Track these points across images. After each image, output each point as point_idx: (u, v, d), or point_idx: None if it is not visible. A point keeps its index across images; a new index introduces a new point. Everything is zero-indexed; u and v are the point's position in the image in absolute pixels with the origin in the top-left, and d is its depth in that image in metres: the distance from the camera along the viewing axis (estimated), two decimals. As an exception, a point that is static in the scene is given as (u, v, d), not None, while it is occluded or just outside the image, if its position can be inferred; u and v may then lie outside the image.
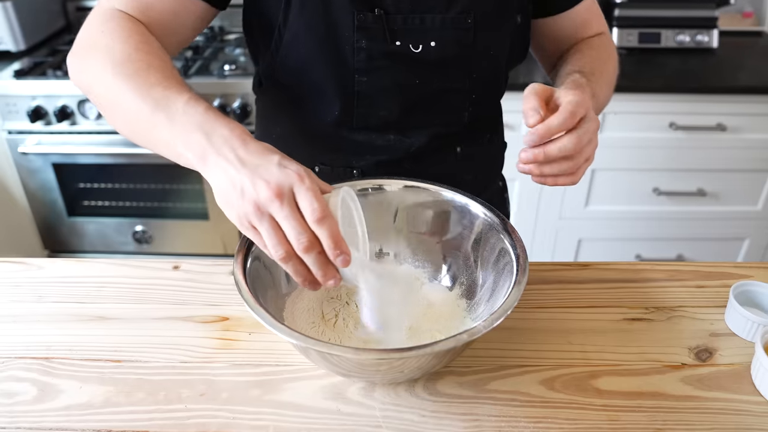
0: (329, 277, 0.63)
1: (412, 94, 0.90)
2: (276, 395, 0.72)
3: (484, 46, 0.89)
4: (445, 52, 0.87)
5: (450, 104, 0.93)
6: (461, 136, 0.98)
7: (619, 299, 0.87)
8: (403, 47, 0.86)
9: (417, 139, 0.94)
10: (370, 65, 0.87)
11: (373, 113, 0.91)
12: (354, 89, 0.89)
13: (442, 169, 0.97)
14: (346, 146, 0.95)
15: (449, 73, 0.90)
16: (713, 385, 0.73)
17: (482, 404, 0.71)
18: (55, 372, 0.75)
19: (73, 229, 2.17)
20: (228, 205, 0.63)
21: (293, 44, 0.88)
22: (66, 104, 1.91)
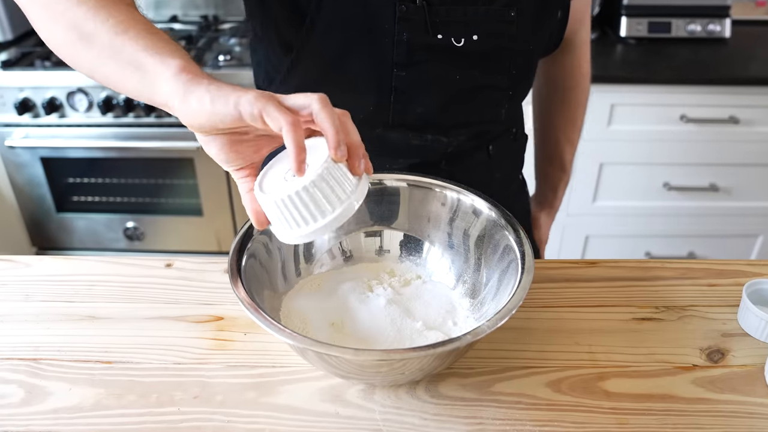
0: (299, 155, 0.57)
1: (452, 89, 0.90)
2: (272, 398, 0.72)
3: (524, 41, 0.89)
4: (487, 46, 0.87)
5: (488, 100, 0.93)
6: (494, 133, 0.98)
7: (628, 298, 0.87)
8: (445, 40, 0.85)
9: (454, 138, 0.94)
10: (410, 59, 0.86)
11: (410, 110, 0.90)
12: (391, 84, 0.88)
13: (475, 170, 0.98)
14: (379, 147, 0.93)
15: (489, 67, 0.90)
16: (725, 387, 0.73)
17: (486, 407, 0.71)
18: (44, 373, 0.75)
19: (61, 225, 2.17)
20: (235, 95, 0.57)
21: (325, 36, 0.87)
22: (55, 96, 1.91)
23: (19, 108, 1.90)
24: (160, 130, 1.95)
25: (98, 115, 1.93)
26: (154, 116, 1.93)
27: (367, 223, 0.86)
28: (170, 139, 1.95)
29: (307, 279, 0.83)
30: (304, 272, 0.83)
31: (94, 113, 1.94)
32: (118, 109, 1.92)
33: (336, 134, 0.58)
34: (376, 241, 0.87)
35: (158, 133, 1.96)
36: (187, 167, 2.03)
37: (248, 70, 1.88)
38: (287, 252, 0.81)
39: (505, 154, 1.03)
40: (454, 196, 0.83)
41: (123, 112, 1.92)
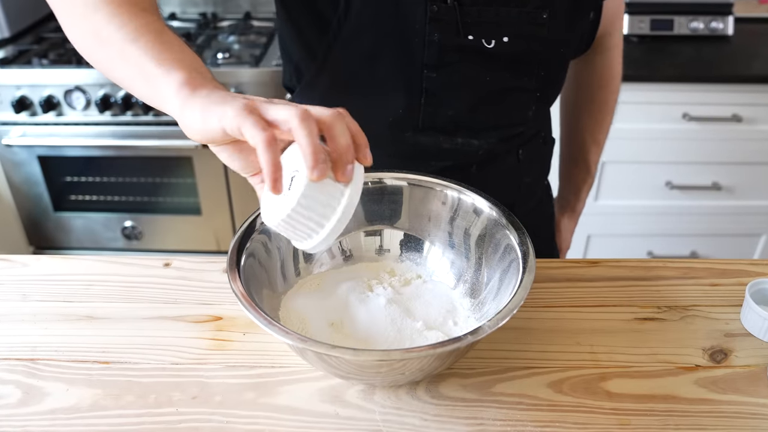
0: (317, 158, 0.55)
1: (481, 91, 0.90)
2: (271, 398, 0.72)
3: (555, 43, 0.90)
4: (517, 48, 0.87)
5: (516, 102, 0.93)
6: (523, 137, 0.98)
7: (630, 298, 0.87)
8: (476, 42, 0.85)
9: (485, 141, 0.94)
10: (441, 60, 0.86)
11: (441, 112, 0.90)
12: (421, 86, 0.88)
13: (504, 174, 0.99)
14: (409, 150, 0.93)
15: (519, 69, 0.90)
16: (728, 387, 0.73)
17: (487, 408, 0.71)
18: (41, 374, 0.75)
19: (59, 224, 2.17)
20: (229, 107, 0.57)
21: (354, 37, 0.86)
22: (52, 94, 1.91)
23: (16, 106, 1.90)
24: (159, 129, 1.95)
25: (96, 113, 1.93)
26: (152, 115, 1.93)
27: (367, 222, 0.86)
28: (168, 138, 1.95)
29: (306, 278, 0.83)
30: (303, 272, 0.83)
31: (91, 111, 1.94)
32: (115, 107, 1.92)
33: (311, 155, 0.55)
34: (376, 241, 0.87)
35: (156, 132, 1.96)
36: (186, 166, 2.03)
37: (247, 68, 1.89)
38: (286, 251, 0.81)
39: (534, 159, 1.04)
40: (454, 195, 0.83)
41: (121, 111, 1.92)
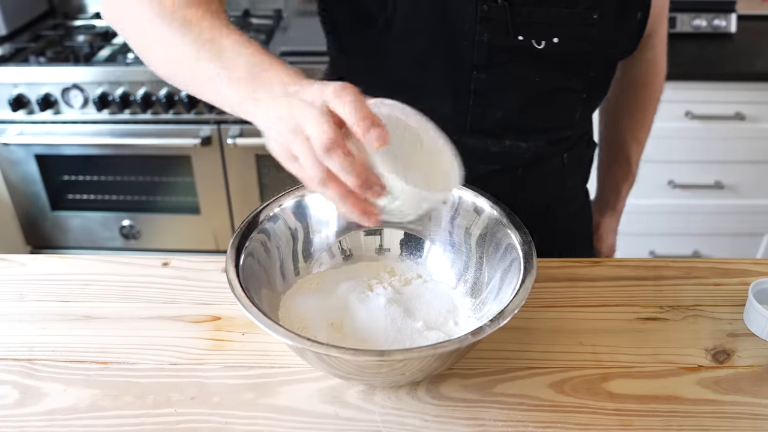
0: (363, 212, 0.57)
1: (531, 92, 0.90)
2: (270, 399, 0.72)
3: (604, 44, 0.90)
4: (567, 49, 0.87)
5: (564, 104, 0.94)
6: (569, 140, 0.99)
7: (632, 298, 0.87)
8: (526, 42, 0.85)
9: (533, 143, 0.94)
10: (491, 61, 0.86)
11: (489, 114, 0.90)
12: (470, 87, 0.88)
13: (549, 178, 0.99)
14: (458, 154, 0.93)
15: (568, 70, 0.90)
16: (731, 388, 0.73)
17: (488, 408, 0.71)
18: (38, 374, 0.75)
19: (56, 223, 2.17)
20: (271, 141, 0.59)
21: (401, 38, 0.87)
22: (49, 92, 1.91)
23: (13, 104, 1.90)
24: (157, 127, 1.95)
25: (94, 111, 1.93)
26: (150, 113, 1.93)
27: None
28: (167, 136, 1.95)
29: (306, 278, 0.83)
30: (302, 271, 0.83)
31: (89, 110, 1.93)
32: (113, 105, 1.91)
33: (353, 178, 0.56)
34: (376, 240, 0.87)
35: (155, 130, 1.95)
36: (184, 165, 2.03)
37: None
38: (286, 251, 0.81)
39: (577, 162, 1.04)
40: (455, 194, 0.83)
41: (119, 109, 1.92)
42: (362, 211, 0.58)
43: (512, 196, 0.98)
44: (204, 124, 1.95)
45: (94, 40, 2.10)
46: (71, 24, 2.27)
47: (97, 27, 2.22)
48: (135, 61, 1.92)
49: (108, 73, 1.89)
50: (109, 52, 2.01)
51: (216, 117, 1.94)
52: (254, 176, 2.04)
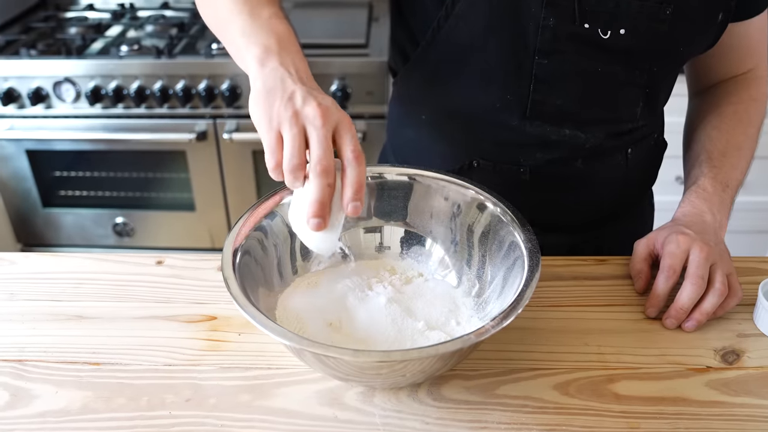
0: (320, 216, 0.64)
1: (592, 83, 0.90)
2: (267, 401, 0.72)
3: (675, 41, 0.89)
4: (633, 42, 0.87)
5: (625, 98, 0.93)
6: (633, 135, 0.98)
7: (639, 297, 0.87)
8: (592, 31, 0.85)
9: (591, 135, 0.94)
10: (554, 47, 0.86)
11: (549, 101, 0.91)
12: (531, 72, 0.88)
13: (612, 173, 0.99)
14: (514, 140, 0.94)
15: (631, 64, 0.90)
16: (741, 389, 0.73)
17: (491, 411, 0.71)
18: (29, 376, 0.75)
19: (48, 221, 2.17)
20: (265, 103, 0.66)
21: (465, 18, 0.87)
22: (41, 86, 1.90)
23: (3, 98, 1.90)
24: (151, 122, 1.95)
25: (86, 105, 1.93)
26: (144, 107, 1.93)
27: (366, 218, 0.86)
28: (161, 131, 1.95)
29: (303, 277, 0.83)
30: (300, 270, 0.83)
31: (81, 104, 1.93)
32: (106, 99, 1.91)
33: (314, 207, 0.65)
34: (376, 238, 0.87)
35: (149, 125, 1.95)
36: (179, 160, 2.03)
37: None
38: (283, 249, 0.81)
39: (643, 160, 1.03)
40: (457, 191, 0.83)
41: (112, 103, 1.92)
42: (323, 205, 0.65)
43: (572, 192, 0.99)
44: (199, 119, 1.95)
45: (86, 32, 2.10)
46: (63, 16, 2.27)
47: (90, 19, 2.22)
48: (128, 54, 1.92)
49: (101, 66, 1.89)
50: (101, 44, 2.01)
51: (212, 111, 1.94)
52: (251, 172, 2.04)
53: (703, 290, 0.80)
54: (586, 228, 1.04)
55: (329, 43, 1.97)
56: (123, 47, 1.95)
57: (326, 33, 2.06)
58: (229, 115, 1.94)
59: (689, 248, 0.82)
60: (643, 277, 0.87)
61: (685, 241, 0.83)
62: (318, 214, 0.64)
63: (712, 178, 0.93)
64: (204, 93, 1.89)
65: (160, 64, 1.89)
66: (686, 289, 0.80)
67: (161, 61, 1.89)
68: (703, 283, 0.80)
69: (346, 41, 1.97)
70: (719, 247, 0.85)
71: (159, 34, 2.08)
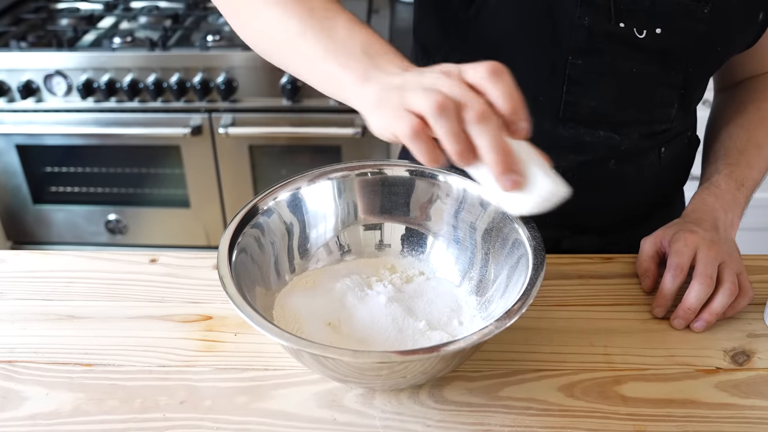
0: (507, 170, 0.59)
1: (626, 84, 0.90)
2: (264, 403, 0.72)
3: (713, 41, 0.89)
4: (669, 42, 0.86)
5: (660, 99, 0.93)
6: (666, 135, 0.98)
7: (647, 296, 0.87)
8: (627, 30, 0.85)
9: (627, 136, 0.94)
10: (589, 46, 0.86)
11: (584, 103, 0.91)
12: (565, 72, 0.88)
13: (645, 173, 0.99)
14: (547, 141, 0.92)
15: (667, 64, 0.89)
16: (751, 391, 0.73)
17: (494, 413, 0.71)
18: (19, 377, 0.75)
19: (38, 217, 2.17)
20: (383, 114, 0.60)
21: (497, 15, 0.87)
22: (31, 79, 1.90)
23: (-8, 92, 1.90)
24: (145, 116, 1.95)
25: (78, 99, 1.93)
26: (137, 101, 1.93)
27: (366, 215, 0.86)
28: (155, 126, 1.95)
29: (301, 275, 0.83)
30: (298, 268, 0.83)
31: (73, 97, 1.93)
32: (99, 93, 1.91)
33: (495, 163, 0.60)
34: (376, 235, 0.87)
35: (142, 119, 1.95)
36: (174, 155, 2.03)
37: (239, 51, 1.88)
38: (281, 247, 0.81)
39: (677, 159, 1.04)
40: (459, 187, 0.83)
41: (104, 97, 1.91)
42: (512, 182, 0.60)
43: (604, 193, 0.98)
44: (194, 113, 1.95)
45: (78, 23, 2.09)
46: (54, 7, 2.27)
47: (82, 10, 2.21)
48: (121, 46, 1.92)
49: (93, 58, 1.89)
50: (94, 36, 2.01)
51: (207, 105, 1.93)
52: (247, 167, 2.03)
53: (712, 289, 0.80)
54: (618, 229, 1.04)
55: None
56: (116, 39, 1.95)
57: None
58: (225, 109, 1.94)
59: (697, 246, 0.82)
60: (650, 276, 0.87)
61: (693, 239, 0.83)
62: (505, 169, 0.59)
63: (726, 175, 0.93)
64: (199, 86, 1.88)
65: (154, 57, 1.89)
66: (694, 288, 0.80)
67: (155, 53, 1.89)
68: (711, 282, 0.80)
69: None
70: (728, 245, 0.85)
71: (153, 25, 2.08)
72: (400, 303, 0.77)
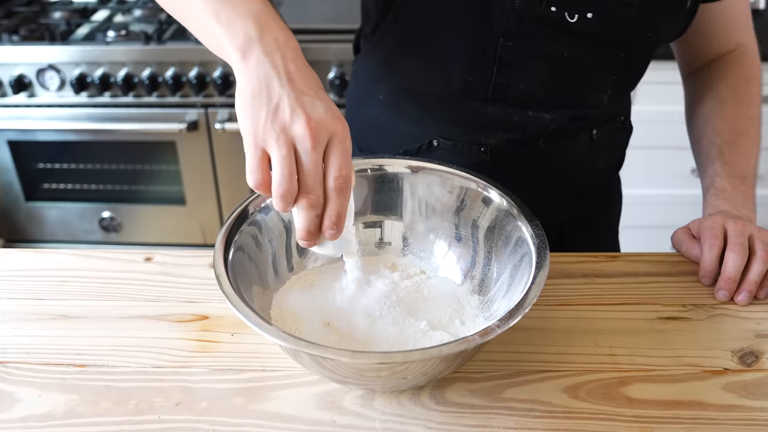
0: (311, 238, 0.66)
1: (557, 68, 0.92)
2: (261, 404, 0.72)
3: (642, 27, 0.91)
4: (600, 27, 0.88)
5: (592, 83, 0.95)
6: (598, 118, 1.00)
7: (653, 295, 0.87)
8: (558, 14, 0.87)
9: (556, 117, 0.96)
10: (519, 29, 0.88)
11: (514, 84, 0.92)
12: (496, 54, 0.90)
13: (576, 154, 1.01)
14: (476, 120, 0.96)
15: (599, 49, 0.91)
16: (760, 393, 0.73)
17: (497, 415, 0.71)
18: (11, 378, 0.75)
19: (31, 215, 2.17)
20: (250, 111, 0.63)
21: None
22: (23, 73, 1.90)
23: (-17, 86, 1.90)
24: (139, 111, 1.95)
25: (71, 94, 1.93)
26: (132, 96, 1.93)
27: (365, 213, 0.86)
28: (150, 121, 1.95)
29: (300, 274, 0.82)
30: (296, 267, 0.83)
31: (66, 92, 1.93)
32: (92, 87, 1.91)
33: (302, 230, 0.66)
34: (376, 233, 0.87)
35: (137, 114, 1.95)
36: (169, 151, 2.03)
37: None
38: (278, 244, 0.81)
39: (609, 142, 1.05)
40: (461, 184, 0.82)
41: (98, 91, 1.91)
42: (311, 234, 0.66)
43: (534, 172, 1.00)
44: (190, 108, 1.95)
45: (71, 17, 2.09)
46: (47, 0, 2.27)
47: (75, 3, 2.21)
48: (115, 40, 1.92)
49: (86, 52, 1.89)
50: (87, 29, 2.01)
51: (203, 100, 1.93)
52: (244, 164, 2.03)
53: (746, 258, 0.84)
54: (549, 213, 1.04)
55: (326, 28, 1.96)
56: (110, 33, 1.95)
57: (322, 18, 2.06)
58: (222, 104, 1.94)
59: (724, 223, 0.88)
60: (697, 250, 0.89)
61: (721, 218, 0.89)
62: (306, 239, 0.66)
63: (728, 176, 0.96)
64: (195, 81, 1.88)
65: (149, 51, 1.89)
66: (729, 258, 0.84)
67: (150, 47, 1.89)
68: (744, 250, 0.84)
69: (343, 26, 1.96)
70: (753, 223, 0.90)
71: (148, 18, 2.08)
72: (401, 302, 0.77)
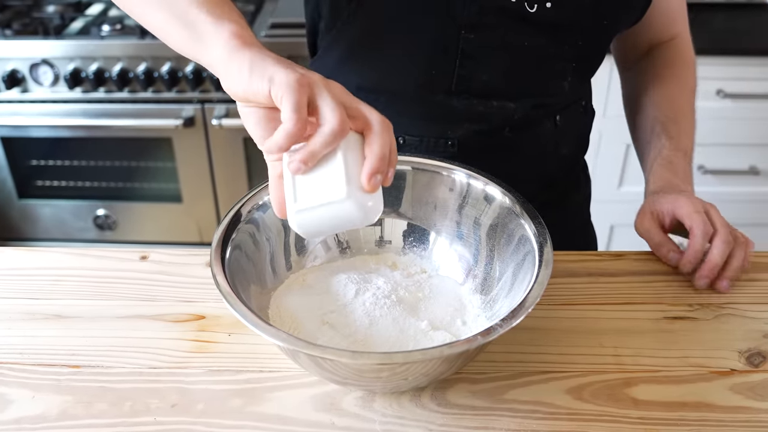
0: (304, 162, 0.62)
1: (519, 58, 0.93)
2: (259, 406, 0.72)
3: (600, 15, 0.93)
4: (559, 15, 0.90)
5: (552, 71, 0.97)
6: (560, 105, 1.02)
7: (659, 295, 0.87)
8: (518, 5, 0.88)
9: (520, 105, 0.97)
10: (480, 21, 0.89)
11: (476, 77, 0.93)
12: (458, 47, 0.91)
13: (541, 142, 1.02)
14: (441, 113, 0.97)
15: (558, 37, 0.93)
16: (767, 394, 0.73)
17: (499, 417, 0.71)
18: (4, 379, 0.75)
19: (24, 213, 2.17)
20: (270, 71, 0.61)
21: None
22: (16, 69, 1.90)
23: (-24, 82, 1.90)
24: (135, 107, 1.95)
25: (65, 89, 1.93)
26: (127, 91, 1.93)
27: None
28: (146, 117, 1.95)
29: (298, 273, 0.83)
30: (295, 266, 0.83)
31: (60, 88, 1.93)
32: (87, 83, 1.91)
33: (380, 163, 0.63)
34: (376, 231, 0.87)
35: (132, 110, 1.95)
36: (165, 148, 2.03)
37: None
38: (277, 243, 0.81)
39: (573, 127, 1.07)
40: (463, 181, 0.82)
41: (93, 87, 1.91)
42: None
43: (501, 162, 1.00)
44: (186, 104, 1.95)
45: (65, 10, 2.09)
46: (40, -7, 2.27)
47: (69, -4, 2.21)
48: (110, 35, 1.92)
49: (80, 47, 1.89)
50: (81, 24, 2.01)
51: (199, 96, 1.93)
52: (242, 161, 2.03)
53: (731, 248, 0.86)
54: None
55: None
56: (104, 27, 1.95)
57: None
58: (219, 100, 1.94)
59: (706, 209, 0.89)
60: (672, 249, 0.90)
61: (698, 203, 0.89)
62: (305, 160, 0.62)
63: (673, 149, 1.00)
64: (191, 76, 1.88)
65: (145, 45, 1.89)
66: (718, 247, 0.85)
67: (145, 41, 1.89)
68: (731, 239, 0.86)
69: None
70: None
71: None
72: (402, 302, 0.77)
